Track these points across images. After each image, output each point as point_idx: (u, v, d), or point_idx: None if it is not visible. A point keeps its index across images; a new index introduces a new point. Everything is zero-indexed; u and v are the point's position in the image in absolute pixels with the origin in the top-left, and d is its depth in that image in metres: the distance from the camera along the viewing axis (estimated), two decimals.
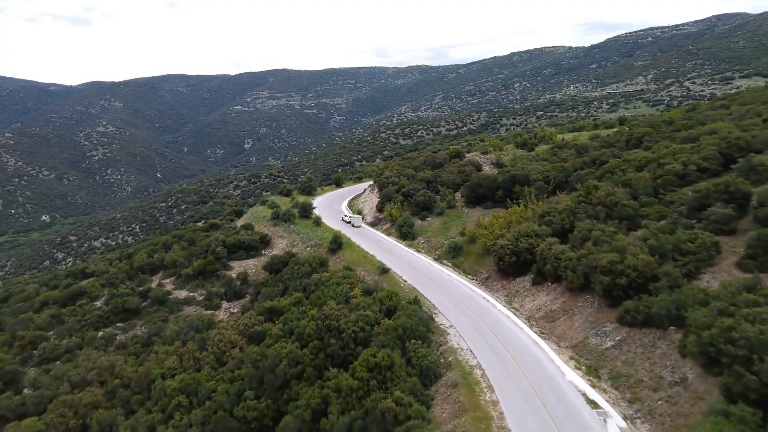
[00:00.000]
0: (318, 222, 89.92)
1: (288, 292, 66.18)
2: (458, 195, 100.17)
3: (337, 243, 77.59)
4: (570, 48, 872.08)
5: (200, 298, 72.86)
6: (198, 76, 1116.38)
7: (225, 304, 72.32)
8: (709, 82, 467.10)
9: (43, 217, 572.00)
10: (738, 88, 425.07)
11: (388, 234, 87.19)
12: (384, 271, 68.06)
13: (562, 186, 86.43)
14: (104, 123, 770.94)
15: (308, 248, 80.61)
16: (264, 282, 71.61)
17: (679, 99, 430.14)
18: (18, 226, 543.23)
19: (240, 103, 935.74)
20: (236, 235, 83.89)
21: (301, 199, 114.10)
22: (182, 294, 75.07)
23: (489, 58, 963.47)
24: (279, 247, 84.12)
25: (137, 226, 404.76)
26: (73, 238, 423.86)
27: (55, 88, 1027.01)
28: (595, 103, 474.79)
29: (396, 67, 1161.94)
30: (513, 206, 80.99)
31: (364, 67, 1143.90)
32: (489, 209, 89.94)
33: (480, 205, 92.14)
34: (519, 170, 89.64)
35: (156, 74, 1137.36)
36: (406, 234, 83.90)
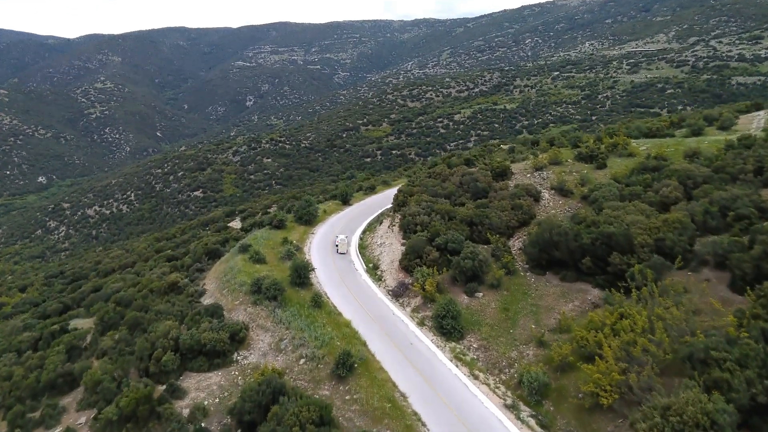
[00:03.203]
0: (318, 301, 59.33)
1: None
2: (513, 243, 69.69)
3: (348, 366, 47.77)
4: (584, 1, 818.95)
5: None
6: (198, 30, 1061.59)
7: None
8: (737, 42, 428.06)
9: (40, 179, 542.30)
10: None
11: (421, 324, 57.12)
12: None
13: (684, 256, 55.88)
14: (102, 79, 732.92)
15: (302, 360, 51.02)
16: None
17: (705, 60, 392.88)
18: (14, 188, 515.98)
19: (242, 58, 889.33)
20: (196, 331, 54.17)
21: (297, 234, 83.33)
22: None
23: (498, 12, 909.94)
24: (258, 348, 54.61)
25: (132, 194, 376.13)
26: (66, 205, 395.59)
27: (53, 42, 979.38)
28: (614, 63, 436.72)
29: (402, 21, 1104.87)
30: (620, 301, 50.58)
31: (369, 21, 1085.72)
32: (569, 282, 59.57)
33: (553, 271, 61.69)
34: (615, 226, 58.77)
35: (155, 27, 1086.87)
36: (449, 331, 54.01)
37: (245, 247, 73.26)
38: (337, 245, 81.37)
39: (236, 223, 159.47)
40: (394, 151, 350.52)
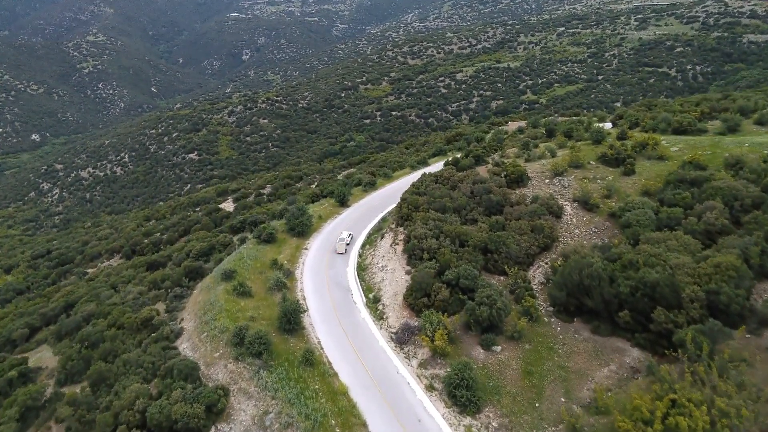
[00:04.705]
0: (309, 358, 50.40)
1: None
2: (534, 275, 60.60)
3: None
4: None
5: None
6: None
7: None
8: None
9: (33, 136, 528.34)
10: None
11: (430, 388, 48.27)
12: None
13: (741, 316, 46.99)
14: (94, 31, 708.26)
15: None
16: None
17: (716, 16, 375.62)
18: (7, 147, 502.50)
19: (237, 9, 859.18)
20: (166, 402, 45.69)
21: (288, 251, 73.63)
22: None
23: None
24: (240, 422, 45.98)
25: (126, 155, 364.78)
26: (59, 166, 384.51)
27: None
28: (623, 18, 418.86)
29: None
30: (670, 380, 42.05)
31: None
32: (602, 337, 50.66)
33: (583, 319, 52.75)
34: (657, 270, 49.61)
35: None
36: (465, 403, 45.67)
37: (229, 273, 64.02)
38: (337, 243, 75.67)
39: (228, 204, 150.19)
40: (394, 113, 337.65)
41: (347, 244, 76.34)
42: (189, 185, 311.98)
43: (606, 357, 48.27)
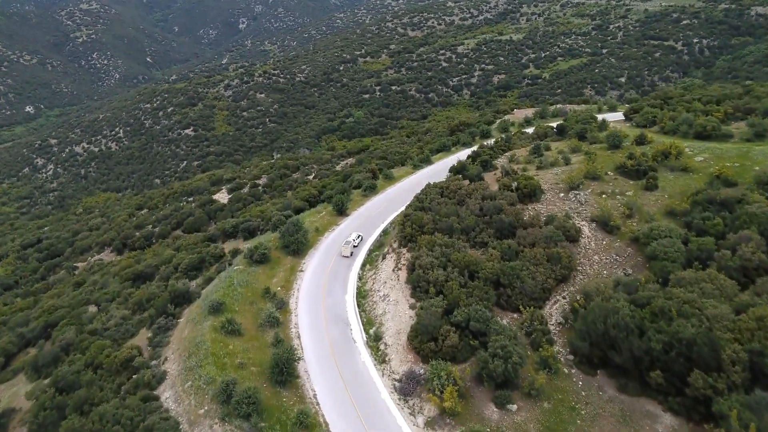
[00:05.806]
0: (304, 421, 44.95)
1: None
2: (550, 312, 54.92)
3: None
4: None
5: None
6: None
7: None
8: None
9: (27, 108, 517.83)
10: None
11: None
12: None
13: None
14: None
15: None
16: None
17: None
18: (1, 119, 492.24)
19: None
20: None
21: (282, 274, 67.36)
22: None
23: None
24: None
25: (121, 130, 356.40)
26: (53, 141, 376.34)
27: None
28: None
29: None
30: None
31: None
32: (630, 396, 45.15)
33: (607, 373, 47.32)
34: (692, 323, 43.94)
35: None
36: None
37: (217, 306, 58.25)
38: (342, 246, 73.43)
39: (222, 195, 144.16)
40: (393, 87, 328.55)
41: (354, 246, 73.50)
42: (185, 162, 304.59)
43: (635, 423, 42.91)
